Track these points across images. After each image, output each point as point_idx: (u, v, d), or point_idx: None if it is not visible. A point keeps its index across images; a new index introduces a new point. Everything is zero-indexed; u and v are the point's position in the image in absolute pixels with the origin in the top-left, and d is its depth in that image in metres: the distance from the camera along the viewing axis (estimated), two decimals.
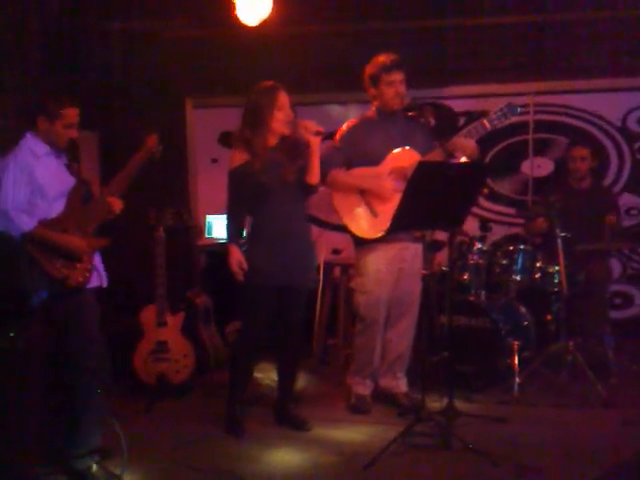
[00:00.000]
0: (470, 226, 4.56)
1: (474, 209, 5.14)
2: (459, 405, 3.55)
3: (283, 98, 3.37)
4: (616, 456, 3.06)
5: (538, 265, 4.23)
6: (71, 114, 2.92)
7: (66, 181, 2.97)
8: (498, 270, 4.28)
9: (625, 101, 5.10)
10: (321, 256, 4.55)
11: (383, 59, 3.58)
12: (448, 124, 4.96)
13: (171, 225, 4.22)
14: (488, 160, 5.07)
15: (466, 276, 4.24)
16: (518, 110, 3.51)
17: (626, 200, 5.12)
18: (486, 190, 4.84)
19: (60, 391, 2.97)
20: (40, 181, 2.85)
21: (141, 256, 4.50)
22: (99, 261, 3.03)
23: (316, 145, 3.34)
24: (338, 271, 4.56)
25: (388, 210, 3.27)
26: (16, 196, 2.80)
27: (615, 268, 5.01)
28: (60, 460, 2.97)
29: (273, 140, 3.42)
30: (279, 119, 3.36)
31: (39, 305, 2.84)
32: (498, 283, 4.37)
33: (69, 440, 2.95)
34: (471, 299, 4.19)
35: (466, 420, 3.43)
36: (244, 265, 3.38)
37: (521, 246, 4.29)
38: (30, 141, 2.90)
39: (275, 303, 3.43)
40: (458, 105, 5.20)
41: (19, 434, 2.79)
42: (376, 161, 3.61)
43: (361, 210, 3.63)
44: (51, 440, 3.00)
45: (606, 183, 5.12)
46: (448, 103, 5.21)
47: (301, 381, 3.99)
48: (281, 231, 3.39)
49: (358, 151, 3.62)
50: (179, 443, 3.35)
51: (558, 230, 3.96)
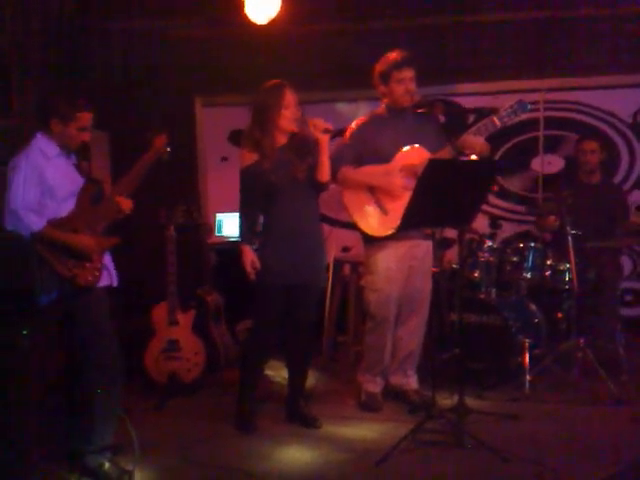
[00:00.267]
0: (480, 224, 4.56)
1: (484, 206, 5.13)
2: (470, 402, 3.54)
3: (289, 96, 3.37)
4: (627, 453, 3.07)
5: (549, 263, 4.22)
6: (85, 117, 2.93)
7: (76, 181, 2.98)
8: (509, 268, 4.27)
9: (636, 97, 5.08)
10: (331, 254, 4.56)
11: (394, 56, 3.57)
12: (458, 121, 4.96)
13: (181, 223, 4.23)
14: (498, 157, 5.06)
15: (476, 274, 4.23)
16: (528, 107, 3.50)
17: (637, 197, 5.10)
18: (496, 187, 4.83)
19: (73, 388, 2.98)
20: (50, 182, 2.87)
21: (152, 255, 4.52)
22: (109, 260, 3.04)
23: (325, 143, 3.34)
24: (348, 269, 4.57)
25: (398, 208, 3.27)
26: (26, 196, 2.81)
27: (626, 265, 4.98)
28: (72, 457, 2.99)
29: (282, 139, 3.42)
30: (286, 117, 3.37)
31: (49, 304, 2.85)
32: (509, 281, 4.36)
33: (81, 437, 2.97)
34: (482, 297, 4.19)
35: (477, 417, 3.42)
36: (257, 264, 3.39)
37: (531, 243, 4.28)
38: (41, 141, 2.91)
39: (286, 301, 3.44)
40: (468, 102, 5.17)
41: (29, 431, 2.80)
42: (386, 158, 3.61)
43: (371, 208, 3.63)
44: (63, 437, 3.02)
45: (617, 180, 5.10)
46: (458, 100, 5.20)
47: (311, 378, 3.99)
48: (292, 230, 3.40)
49: (368, 148, 3.62)
50: (190, 440, 3.36)
51: (569, 227, 3.95)
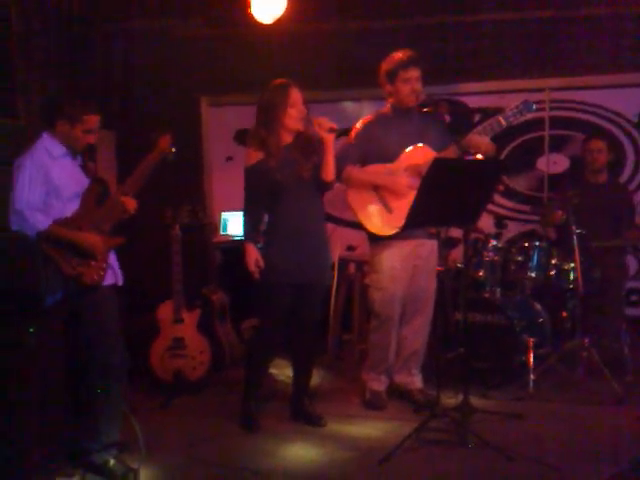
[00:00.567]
0: (485, 223, 4.56)
1: (489, 206, 5.13)
2: (474, 401, 3.54)
3: (295, 95, 3.38)
4: (631, 453, 3.06)
5: (553, 262, 4.21)
6: (92, 120, 2.94)
7: (81, 182, 3.00)
8: (513, 267, 4.26)
9: None
10: (335, 252, 4.57)
11: (400, 55, 3.58)
12: (463, 121, 4.95)
13: (187, 223, 4.25)
14: (504, 157, 5.06)
15: (481, 273, 4.23)
16: (534, 107, 3.50)
17: None
18: (501, 187, 4.82)
19: (79, 386, 3.00)
20: (56, 182, 2.88)
21: (157, 254, 4.54)
22: (114, 259, 3.06)
23: (330, 142, 3.35)
24: (353, 267, 4.58)
25: (403, 207, 3.27)
26: (31, 195, 2.82)
27: (631, 265, 4.97)
28: (77, 454, 3.00)
29: (287, 137, 3.43)
30: (292, 116, 3.38)
31: (54, 304, 2.87)
32: (513, 280, 4.36)
33: (87, 435, 2.98)
34: (486, 296, 4.19)
35: (481, 416, 3.42)
36: (261, 263, 3.40)
37: (536, 243, 4.27)
38: (47, 141, 2.92)
39: (290, 300, 3.45)
40: (473, 102, 5.18)
41: (33, 428, 2.82)
42: (391, 158, 3.62)
43: (376, 207, 3.64)
44: (68, 435, 3.04)
45: (622, 180, 5.09)
46: (463, 99, 5.20)
47: (316, 377, 4.01)
48: (296, 228, 3.41)
49: (373, 148, 3.63)
50: (196, 439, 3.38)
51: (574, 227, 3.95)
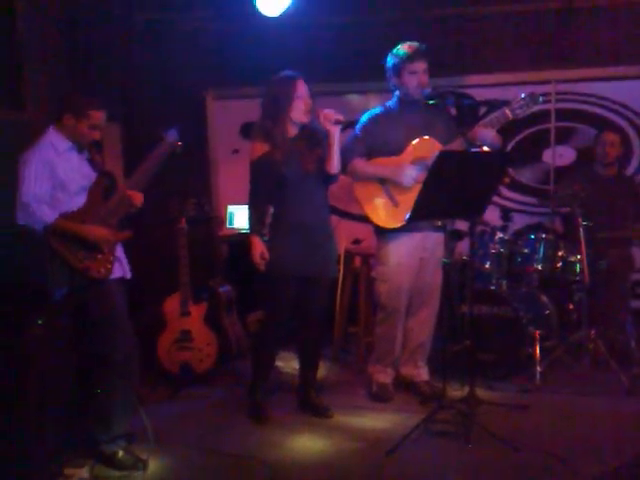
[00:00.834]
0: (491, 215, 4.56)
1: (495, 198, 5.12)
2: (480, 393, 3.55)
3: (302, 87, 3.38)
4: (637, 444, 3.07)
5: (560, 254, 4.20)
6: (98, 116, 2.94)
7: (88, 175, 3.01)
8: (520, 259, 4.27)
9: None
10: (341, 246, 4.57)
11: (406, 48, 3.57)
12: (469, 113, 4.94)
13: (193, 216, 4.26)
14: (510, 149, 5.05)
15: (487, 265, 4.23)
16: (540, 99, 3.49)
17: None
18: (507, 179, 4.82)
19: (89, 378, 3.02)
20: (62, 176, 2.89)
21: (164, 247, 4.55)
22: (121, 252, 3.07)
23: (336, 134, 3.35)
24: (359, 261, 4.58)
25: (409, 200, 3.28)
26: (38, 189, 2.83)
27: (637, 257, 4.96)
28: (87, 445, 3.03)
29: (293, 130, 3.44)
30: (299, 108, 3.38)
31: (61, 297, 2.88)
32: (520, 272, 4.36)
33: (97, 426, 3.01)
34: (493, 288, 4.19)
35: (488, 408, 3.44)
36: (266, 256, 3.41)
37: (543, 235, 4.27)
38: (52, 136, 2.93)
39: (296, 293, 3.46)
40: (479, 94, 5.17)
41: (43, 420, 2.84)
42: (397, 150, 3.62)
43: (382, 200, 3.64)
44: (78, 426, 3.06)
45: (629, 172, 5.07)
46: (469, 92, 5.19)
47: (322, 369, 4.02)
48: (302, 221, 3.42)
49: (379, 140, 3.63)
50: (204, 430, 3.41)
51: (580, 219, 3.94)
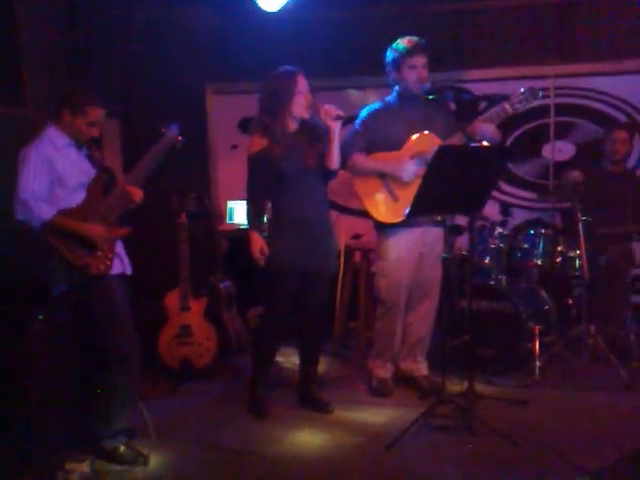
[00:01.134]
0: (491, 210, 4.56)
1: (495, 193, 5.13)
2: (480, 388, 3.57)
3: (302, 82, 3.38)
4: (636, 439, 3.08)
5: (559, 249, 4.21)
6: (95, 113, 2.93)
7: (87, 171, 3.01)
8: (519, 254, 4.27)
9: None
10: (341, 241, 4.57)
11: (406, 43, 3.57)
12: (468, 108, 4.94)
13: (193, 211, 4.26)
14: (509, 144, 5.05)
15: (487, 260, 4.24)
16: (540, 94, 3.49)
17: None
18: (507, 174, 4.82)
19: (89, 373, 3.03)
20: (60, 171, 2.89)
21: (164, 242, 4.56)
22: (121, 248, 3.07)
23: (337, 130, 3.35)
24: (359, 256, 4.58)
25: (409, 195, 3.28)
26: (36, 186, 2.83)
27: (637, 252, 4.97)
28: (88, 441, 3.03)
29: (293, 125, 3.43)
30: (299, 103, 3.38)
31: (64, 292, 2.89)
32: (519, 268, 4.36)
33: (99, 422, 3.02)
34: (492, 283, 4.20)
35: (487, 403, 3.45)
36: (266, 251, 3.41)
37: (542, 230, 4.27)
38: (51, 133, 2.93)
39: (296, 288, 3.47)
40: (478, 89, 5.17)
41: (45, 416, 2.85)
42: (397, 145, 3.62)
43: (382, 195, 3.64)
44: (79, 421, 3.07)
45: (628, 167, 5.08)
46: (468, 87, 5.19)
47: (323, 364, 4.03)
48: (302, 216, 3.42)
49: (379, 135, 3.63)
50: (204, 425, 3.41)
51: (579, 214, 3.95)
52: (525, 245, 4.26)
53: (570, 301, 4.45)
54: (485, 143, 3.47)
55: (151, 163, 3.00)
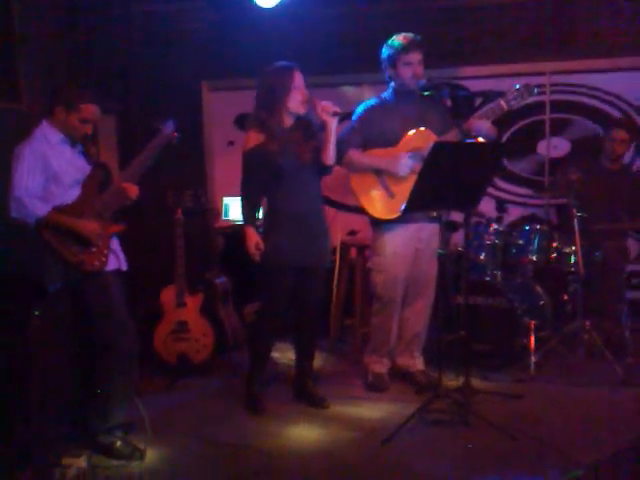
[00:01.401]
0: (486, 207, 4.57)
1: (490, 190, 5.15)
2: (476, 383, 3.59)
3: (299, 78, 3.39)
4: (631, 434, 3.10)
5: (554, 245, 4.23)
6: (89, 110, 2.92)
7: (82, 168, 3.01)
8: (514, 250, 4.29)
9: None
10: (337, 237, 4.59)
11: (401, 39, 3.57)
12: (464, 104, 4.95)
13: (189, 207, 4.27)
14: (504, 140, 5.06)
15: (482, 256, 4.25)
16: (535, 91, 3.50)
17: None
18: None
19: (88, 369, 3.03)
20: (55, 168, 2.89)
21: (160, 238, 4.56)
22: (117, 244, 3.07)
23: (333, 126, 3.36)
24: (354, 252, 4.59)
25: (404, 191, 3.29)
26: (30, 183, 2.83)
27: (632, 249, 4.99)
28: (84, 435, 3.04)
29: (289, 120, 3.44)
30: (296, 99, 3.38)
31: (59, 289, 2.89)
32: (514, 263, 4.37)
33: (96, 416, 3.02)
34: (487, 279, 4.21)
35: (483, 398, 3.47)
36: (261, 246, 3.42)
37: (537, 226, 4.29)
38: (45, 129, 2.93)
39: (292, 283, 3.47)
40: (474, 85, 5.18)
41: (42, 411, 2.85)
42: (393, 141, 3.62)
43: (378, 191, 3.65)
44: (76, 416, 3.08)
45: (624, 162, 5.09)
46: (464, 83, 5.20)
47: (319, 360, 4.04)
48: (298, 212, 3.42)
49: (375, 131, 3.64)
50: (201, 420, 3.42)
51: (575, 210, 3.96)
52: (520, 241, 4.27)
53: (565, 297, 4.46)
54: (481, 139, 3.48)
55: (147, 160, 3.00)
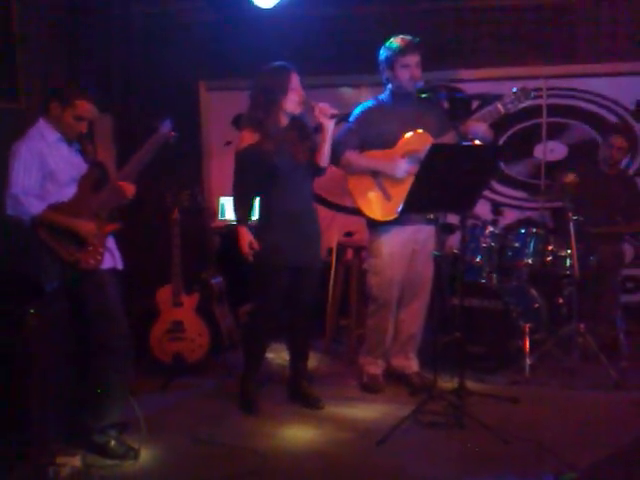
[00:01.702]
0: (482, 209, 4.58)
1: (487, 193, 5.16)
2: (470, 385, 3.59)
3: (296, 79, 3.40)
4: (625, 436, 3.10)
5: (550, 249, 4.24)
6: (84, 107, 2.91)
7: (79, 166, 3.00)
8: (510, 253, 4.30)
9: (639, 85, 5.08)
10: (334, 238, 4.59)
11: (399, 41, 3.58)
12: (461, 107, 4.96)
13: (186, 207, 4.27)
14: (501, 143, 5.07)
15: (478, 259, 4.26)
16: (532, 95, 3.51)
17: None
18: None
19: (83, 368, 3.03)
20: (52, 166, 2.88)
21: (156, 238, 4.55)
22: (113, 243, 3.07)
23: (330, 128, 3.37)
24: (351, 253, 4.59)
25: (401, 193, 3.30)
26: (26, 181, 2.83)
27: (627, 253, 5.00)
28: (79, 434, 3.03)
29: (284, 120, 3.44)
30: (293, 100, 3.39)
31: (56, 288, 2.89)
32: (510, 266, 4.38)
33: (90, 415, 3.02)
34: (483, 282, 4.22)
35: (477, 400, 3.47)
36: (255, 245, 3.42)
37: (533, 229, 4.30)
38: (42, 127, 2.92)
39: (286, 283, 3.47)
40: (471, 88, 5.19)
41: (37, 410, 2.85)
42: (390, 143, 3.63)
43: (375, 193, 3.65)
44: (70, 415, 3.07)
45: (621, 166, 5.10)
46: (461, 86, 5.21)
47: (314, 360, 4.05)
48: (291, 212, 3.43)
49: (372, 133, 3.64)
50: (196, 419, 3.42)
51: (570, 213, 3.98)
52: (516, 244, 4.28)
53: (560, 300, 4.47)
54: (477, 142, 3.49)
55: (144, 159, 3.00)
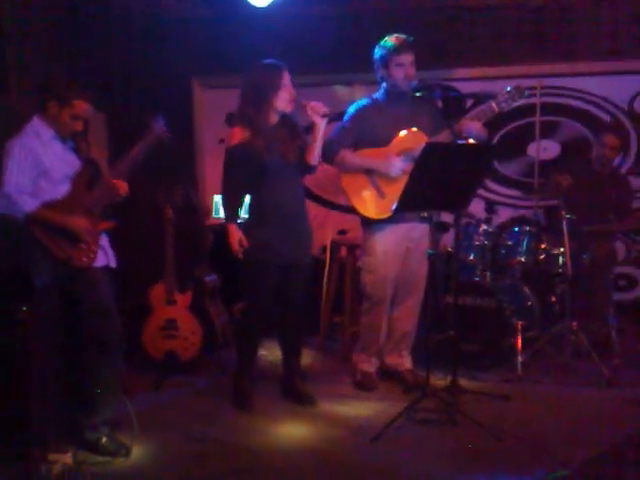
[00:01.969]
0: (476, 208, 4.60)
1: (480, 191, 5.17)
2: (463, 383, 3.61)
3: (287, 77, 3.40)
4: (617, 434, 3.13)
5: (543, 247, 4.27)
6: (81, 107, 2.91)
7: (72, 164, 2.99)
8: (503, 251, 4.32)
9: (632, 84, 5.09)
10: (328, 236, 4.59)
11: (393, 40, 3.58)
12: (455, 106, 4.97)
13: (179, 204, 4.26)
14: (495, 142, 5.08)
15: (472, 257, 4.28)
16: (526, 93, 3.52)
17: (634, 183, 5.12)
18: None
19: (75, 365, 3.02)
20: (47, 164, 2.87)
21: (150, 235, 4.54)
22: (106, 241, 3.07)
23: (322, 127, 3.38)
24: (345, 251, 4.60)
25: (396, 191, 3.30)
26: (20, 179, 2.82)
27: (619, 251, 5.03)
28: (70, 431, 3.03)
29: (274, 118, 3.44)
30: (283, 98, 3.39)
31: (48, 285, 2.88)
32: (503, 264, 4.40)
33: (82, 411, 3.01)
34: (476, 280, 4.23)
35: (470, 397, 3.48)
36: (245, 243, 3.42)
37: (526, 228, 4.32)
38: (36, 125, 2.91)
39: (276, 280, 3.48)
40: (465, 87, 5.20)
41: (28, 407, 2.84)
42: (384, 142, 3.63)
43: (369, 191, 3.66)
44: (62, 412, 3.07)
45: (614, 165, 5.12)
46: (455, 85, 5.22)
47: (307, 358, 4.05)
48: (282, 209, 3.43)
49: (366, 131, 3.65)
50: (188, 417, 3.42)
51: (564, 212, 3.99)
52: (509, 242, 4.30)
53: (553, 298, 4.50)
54: (471, 141, 3.50)
55: (137, 156, 3.01)
